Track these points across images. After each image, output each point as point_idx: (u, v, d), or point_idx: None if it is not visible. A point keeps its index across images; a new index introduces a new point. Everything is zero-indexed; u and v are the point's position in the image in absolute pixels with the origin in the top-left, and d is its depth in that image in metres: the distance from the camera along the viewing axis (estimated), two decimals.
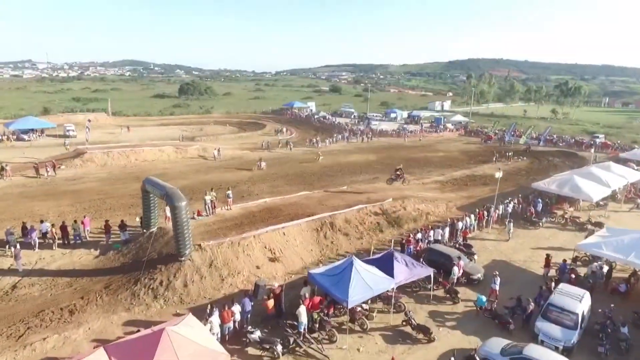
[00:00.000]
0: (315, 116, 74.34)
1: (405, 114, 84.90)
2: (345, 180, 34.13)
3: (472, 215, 22.55)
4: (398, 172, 29.99)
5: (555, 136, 58.42)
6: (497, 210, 24.08)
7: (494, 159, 43.61)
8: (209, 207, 20.87)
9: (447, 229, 20.85)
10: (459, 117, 76.24)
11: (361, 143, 54.33)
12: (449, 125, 69.44)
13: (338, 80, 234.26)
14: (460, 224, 21.53)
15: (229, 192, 22.17)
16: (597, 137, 59.37)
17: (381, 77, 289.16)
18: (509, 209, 24.25)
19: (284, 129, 62.48)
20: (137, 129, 61.31)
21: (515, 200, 26.00)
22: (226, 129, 65.56)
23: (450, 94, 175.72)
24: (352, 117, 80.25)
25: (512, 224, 22.06)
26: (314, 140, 51.22)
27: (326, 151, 47.74)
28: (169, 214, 17.97)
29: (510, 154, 44.69)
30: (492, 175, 38.50)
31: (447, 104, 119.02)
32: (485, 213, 23.37)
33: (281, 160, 40.94)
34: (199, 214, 20.71)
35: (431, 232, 20.22)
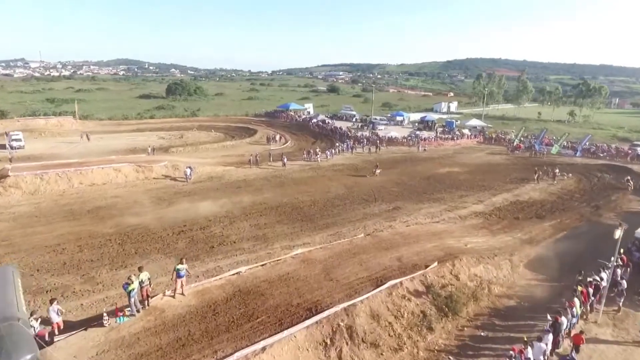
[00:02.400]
0: (314, 120, 65.26)
1: (413, 116, 76.19)
2: (356, 213, 25.39)
3: (577, 300, 13.78)
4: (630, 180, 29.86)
5: (589, 145, 50.13)
6: (602, 282, 15.40)
7: (536, 177, 34.94)
8: (136, 302, 11.96)
9: (549, 337, 12.08)
10: (475, 122, 67.47)
11: (369, 154, 45.51)
12: (466, 131, 60.85)
13: (335, 80, 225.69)
14: (564, 322, 12.79)
15: (181, 267, 13.04)
16: (637, 145, 51.37)
17: (379, 76, 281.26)
18: (624, 283, 15.40)
19: (278, 137, 53.58)
20: (105, 137, 52.18)
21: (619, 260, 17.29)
22: (210, 135, 56.57)
23: (452, 94, 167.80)
24: (354, 120, 71.51)
25: None
26: (312, 151, 42.21)
27: (328, 166, 39.02)
28: None
29: (556, 170, 35.91)
30: (543, 201, 29.94)
31: (453, 105, 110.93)
32: (591, 290, 14.68)
33: (272, 182, 32.08)
34: (117, 314, 11.77)
35: (528, 350, 11.41)
